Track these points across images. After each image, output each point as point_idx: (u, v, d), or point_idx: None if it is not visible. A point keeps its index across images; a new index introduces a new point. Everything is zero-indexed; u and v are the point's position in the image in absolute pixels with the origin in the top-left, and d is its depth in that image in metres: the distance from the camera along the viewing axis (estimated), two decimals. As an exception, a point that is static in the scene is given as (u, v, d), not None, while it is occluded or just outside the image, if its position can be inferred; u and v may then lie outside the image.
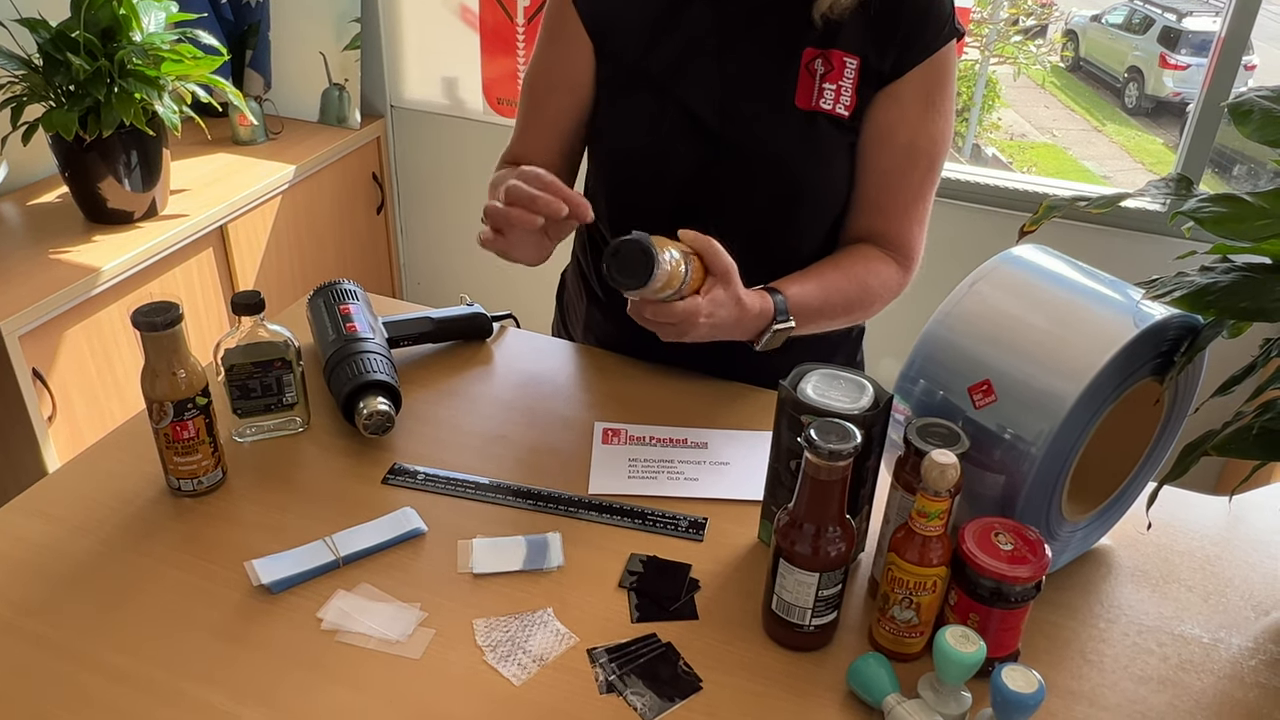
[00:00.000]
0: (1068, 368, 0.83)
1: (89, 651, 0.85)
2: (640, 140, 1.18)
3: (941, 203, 2.46)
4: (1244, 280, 0.81)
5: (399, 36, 2.66)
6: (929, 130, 1.14)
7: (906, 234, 1.18)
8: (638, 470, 1.08)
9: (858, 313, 1.18)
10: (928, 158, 1.15)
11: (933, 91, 1.13)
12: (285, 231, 2.39)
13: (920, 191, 1.17)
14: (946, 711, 0.79)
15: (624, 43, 1.17)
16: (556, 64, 1.21)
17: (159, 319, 0.94)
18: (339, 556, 0.94)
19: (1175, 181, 0.91)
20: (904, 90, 1.12)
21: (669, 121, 1.15)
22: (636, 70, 1.16)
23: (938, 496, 0.80)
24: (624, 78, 1.18)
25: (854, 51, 1.10)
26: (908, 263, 1.19)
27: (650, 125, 1.16)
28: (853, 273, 1.16)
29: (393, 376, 1.11)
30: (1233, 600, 0.97)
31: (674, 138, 1.15)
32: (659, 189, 1.19)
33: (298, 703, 0.81)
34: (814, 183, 1.16)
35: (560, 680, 0.84)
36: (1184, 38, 6.60)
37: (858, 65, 1.11)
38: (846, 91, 1.12)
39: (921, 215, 1.18)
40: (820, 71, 1.11)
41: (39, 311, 1.76)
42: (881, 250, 1.18)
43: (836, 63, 1.11)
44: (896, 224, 1.17)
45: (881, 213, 1.17)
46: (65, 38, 1.81)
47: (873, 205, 1.17)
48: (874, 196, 1.17)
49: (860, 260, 1.17)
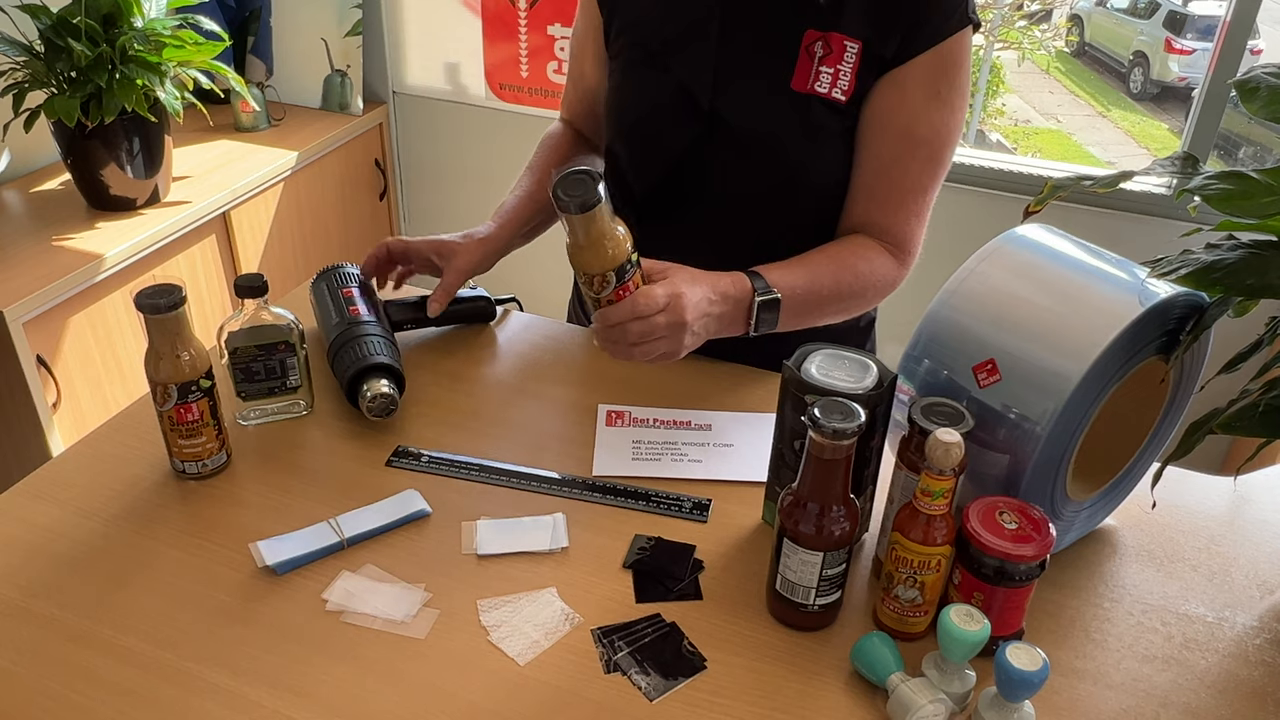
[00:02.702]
0: (1072, 347, 0.83)
1: (95, 632, 0.86)
2: (634, 115, 1.19)
3: (945, 186, 2.46)
4: (1250, 257, 0.80)
5: (401, 22, 2.65)
6: (931, 120, 1.10)
7: (903, 226, 1.15)
8: (642, 452, 1.08)
9: (849, 301, 1.15)
10: (928, 148, 1.11)
11: (939, 81, 1.09)
12: (288, 218, 2.39)
13: (919, 183, 1.13)
14: (951, 690, 0.80)
15: (630, 18, 1.18)
16: (581, 31, 1.27)
17: (162, 301, 0.94)
18: (344, 538, 0.95)
19: (1181, 160, 0.90)
20: (908, 76, 1.09)
21: (665, 99, 1.15)
22: (638, 45, 1.17)
23: (942, 475, 0.80)
24: (627, 52, 1.19)
25: (856, 35, 1.08)
26: (904, 256, 1.16)
27: (646, 101, 1.17)
28: (842, 259, 1.13)
29: (396, 360, 1.11)
30: (1237, 579, 0.97)
31: (669, 115, 1.15)
32: (652, 165, 1.19)
33: (303, 682, 0.82)
34: (806, 167, 1.14)
35: (564, 660, 0.84)
36: (1189, 22, 6.57)
37: (859, 49, 1.08)
38: (845, 76, 1.09)
39: (920, 209, 1.15)
40: (819, 54, 1.09)
41: (43, 298, 1.76)
42: (877, 241, 1.15)
43: (836, 46, 1.09)
44: (892, 215, 1.14)
45: (877, 202, 1.14)
46: (67, 24, 1.81)
47: (868, 194, 1.14)
48: (870, 185, 1.14)
49: (849, 248, 1.14)
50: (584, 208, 0.92)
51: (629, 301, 0.97)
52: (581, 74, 1.30)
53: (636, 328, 0.97)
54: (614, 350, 1.00)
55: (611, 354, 1.01)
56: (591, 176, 0.93)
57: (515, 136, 2.66)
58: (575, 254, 0.97)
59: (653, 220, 1.19)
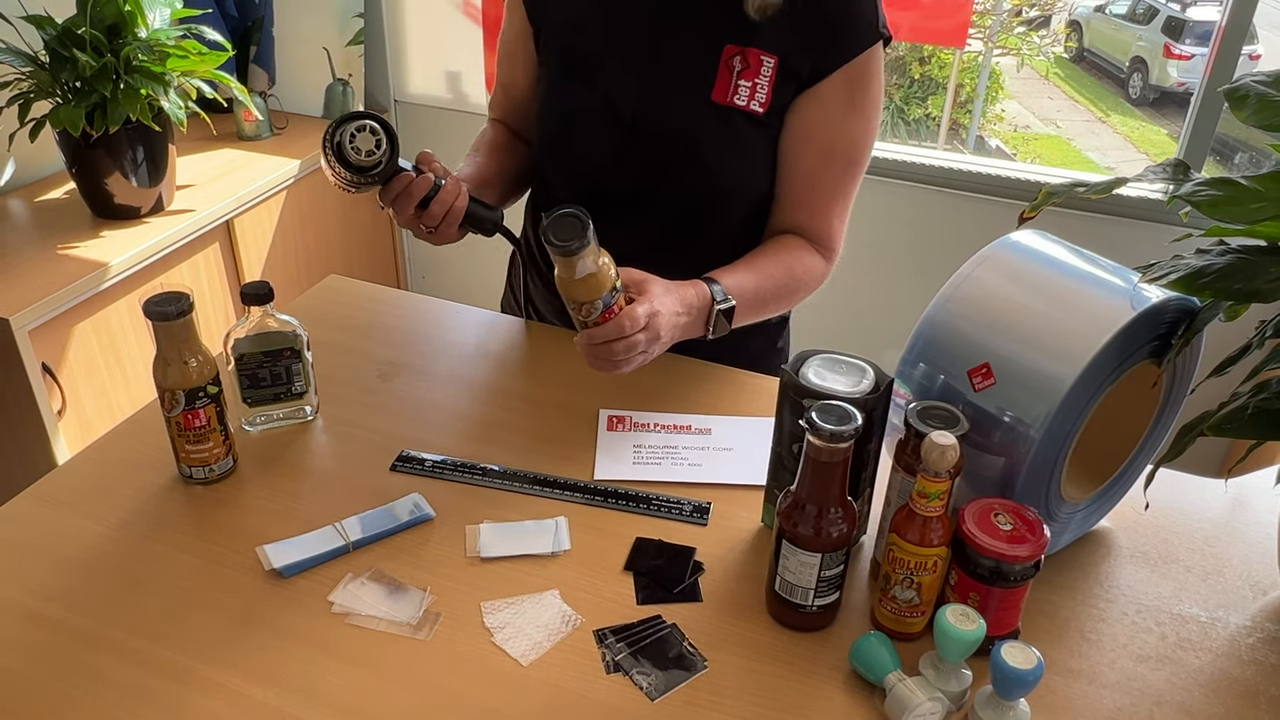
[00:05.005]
0: (1065, 350, 0.85)
1: (104, 635, 0.87)
2: (557, 124, 1.22)
3: (943, 192, 2.47)
4: (1239, 262, 0.82)
5: (402, 31, 2.67)
6: (849, 131, 1.17)
7: (828, 228, 1.22)
8: (642, 456, 1.10)
9: (787, 299, 1.22)
10: (846, 157, 1.19)
11: (855, 93, 1.15)
12: (291, 226, 2.41)
13: (840, 188, 1.21)
14: (947, 689, 0.81)
15: (557, 27, 1.21)
16: (511, 37, 1.29)
17: (170, 308, 0.96)
18: (349, 542, 0.96)
19: (1173, 166, 0.92)
20: (825, 92, 1.15)
21: (589, 108, 1.18)
22: (565, 54, 1.20)
23: (938, 477, 0.81)
24: (554, 60, 1.22)
25: (773, 50, 1.13)
26: (829, 254, 1.24)
27: (569, 111, 1.20)
28: (781, 261, 1.20)
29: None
30: (1231, 580, 0.98)
31: (592, 125, 1.19)
32: (576, 174, 1.23)
33: (309, 683, 0.83)
34: (728, 176, 1.19)
35: (567, 660, 0.86)
36: (1188, 27, 6.58)
37: (775, 64, 1.13)
38: (762, 89, 1.15)
39: (842, 210, 1.23)
40: (738, 68, 1.14)
41: (48, 306, 1.77)
42: (805, 241, 1.22)
43: (754, 60, 1.14)
44: (819, 219, 1.21)
45: (804, 209, 1.21)
46: (71, 34, 1.82)
47: (795, 202, 1.21)
48: (796, 194, 1.21)
49: (786, 250, 1.21)
50: (577, 250, 0.96)
51: (614, 324, 1.01)
52: (513, 81, 1.32)
53: (620, 346, 1.02)
54: (600, 365, 1.05)
55: (597, 368, 1.06)
56: (579, 218, 0.96)
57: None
58: (565, 286, 1.00)
59: None
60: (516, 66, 1.30)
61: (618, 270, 1.01)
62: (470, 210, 1.18)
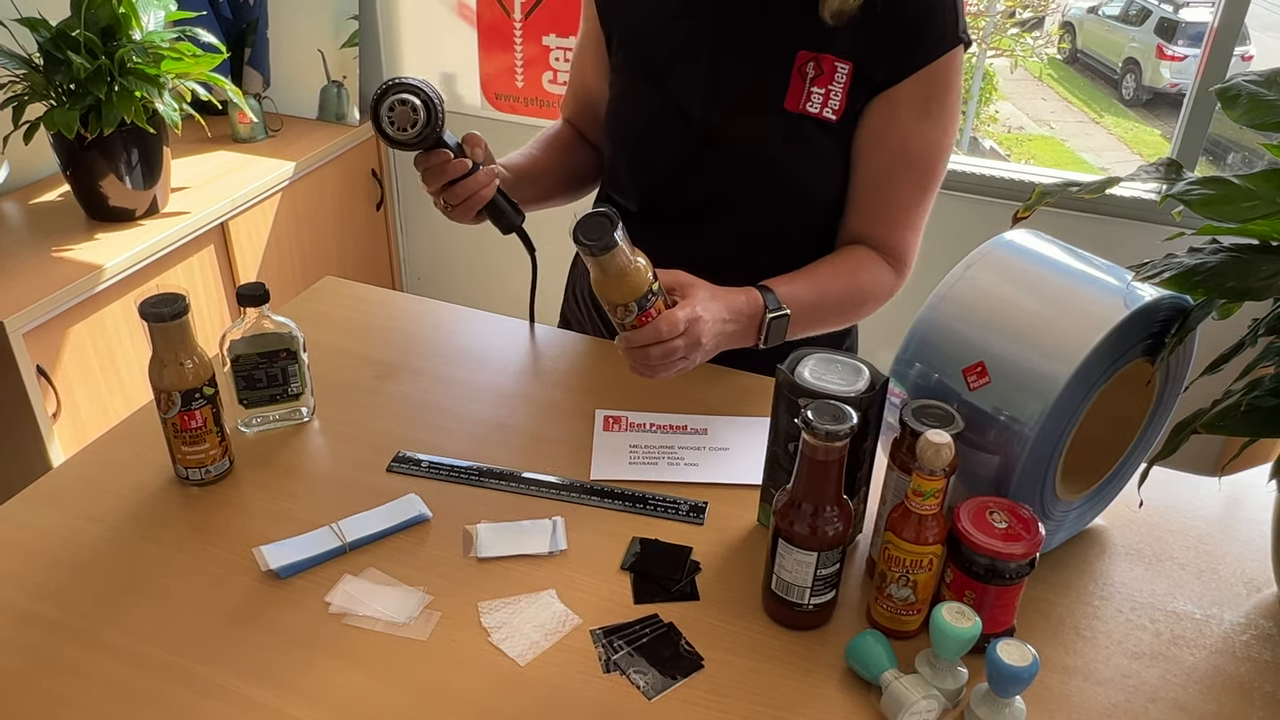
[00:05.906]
0: (1059, 349, 0.85)
1: (101, 636, 0.87)
2: (629, 129, 1.20)
3: (938, 193, 2.48)
4: (1231, 260, 0.82)
5: (397, 33, 2.67)
6: (923, 137, 1.13)
7: (899, 239, 1.18)
8: (639, 456, 1.10)
9: (851, 312, 1.19)
10: (921, 164, 1.14)
11: (930, 99, 1.11)
12: (286, 228, 2.41)
13: (914, 198, 1.17)
14: (943, 686, 0.81)
15: (629, 32, 1.20)
16: (584, 40, 1.29)
17: (167, 310, 0.96)
18: (346, 542, 0.96)
19: (1165, 166, 0.92)
20: (899, 96, 1.11)
21: (659, 115, 1.17)
22: (636, 61, 1.18)
23: (933, 476, 0.81)
24: (626, 67, 1.21)
25: (847, 57, 1.10)
26: (901, 267, 1.20)
27: (641, 115, 1.19)
28: (844, 271, 1.16)
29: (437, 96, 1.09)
30: (1225, 577, 0.98)
31: (662, 131, 1.17)
32: (647, 177, 1.21)
33: (306, 683, 0.83)
34: (799, 184, 1.16)
35: (564, 660, 0.86)
36: (1181, 29, 6.61)
37: (850, 70, 1.11)
38: (835, 96, 1.11)
39: (915, 221, 1.18)
40: (811, 75, 1.11)
41: (42, 309, 1.77)
42: (874, 252, 1.18)
43: (828, 67, 1.11)
44: (888, 229, 1.17)
45: (874, 217, 1.17)
46: (66, 36, 1.82)
47: (865, 209, 1.17)
48: (866, 200, 1.17)
49: (852, 260, 1.17)
50: (605, 249, 0.96)
51: (651, 327, 1.00)
52: (584, 84, 1.31)
53: (658, 350, 1.01)
54: (639, 370, 1.04)
55: (636, 372, 1.05)
56: (609, 217, 0.96)
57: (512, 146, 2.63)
58: (599, 287, 1.00)
59: (648, 227, 1.20)
60: (587, 69, 1.29)
61: (657, 273, 1.01)
62: (493, 202, 1.18)
